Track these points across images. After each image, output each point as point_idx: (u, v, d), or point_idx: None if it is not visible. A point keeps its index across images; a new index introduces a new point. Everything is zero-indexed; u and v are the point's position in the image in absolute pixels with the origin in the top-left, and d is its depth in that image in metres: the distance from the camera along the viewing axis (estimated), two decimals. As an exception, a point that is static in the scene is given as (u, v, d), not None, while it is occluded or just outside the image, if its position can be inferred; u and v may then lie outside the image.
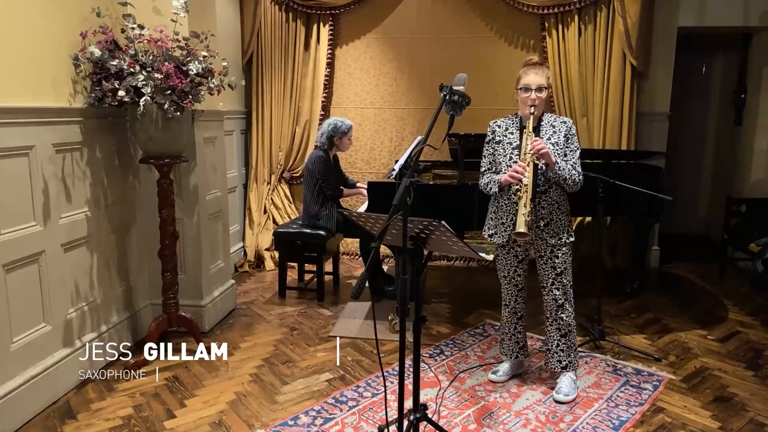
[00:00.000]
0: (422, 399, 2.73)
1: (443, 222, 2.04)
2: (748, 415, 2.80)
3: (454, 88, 2.18)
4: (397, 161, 4.14)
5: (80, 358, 3.01)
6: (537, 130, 2.79)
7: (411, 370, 2.27)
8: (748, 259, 4.79)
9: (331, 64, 5.37)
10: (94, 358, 3.11)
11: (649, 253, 5.28)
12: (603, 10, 4.88)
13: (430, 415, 2.34)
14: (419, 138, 3.72)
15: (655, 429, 2.68)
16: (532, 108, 2.72)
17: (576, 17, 4.94)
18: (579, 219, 5.20)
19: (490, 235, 2.94)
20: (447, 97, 2.18)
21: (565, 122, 2.81)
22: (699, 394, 3.00)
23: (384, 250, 5.08)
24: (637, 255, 4.77)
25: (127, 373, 3.11)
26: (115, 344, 3.30)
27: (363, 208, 4.19)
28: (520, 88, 2.78)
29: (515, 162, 2.75)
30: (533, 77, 2.74)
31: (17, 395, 2.57)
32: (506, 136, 2.85)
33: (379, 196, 3.80)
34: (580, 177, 2.77)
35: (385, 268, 5.00)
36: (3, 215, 2.52)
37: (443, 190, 3.92)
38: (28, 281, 2.68)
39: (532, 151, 2.65)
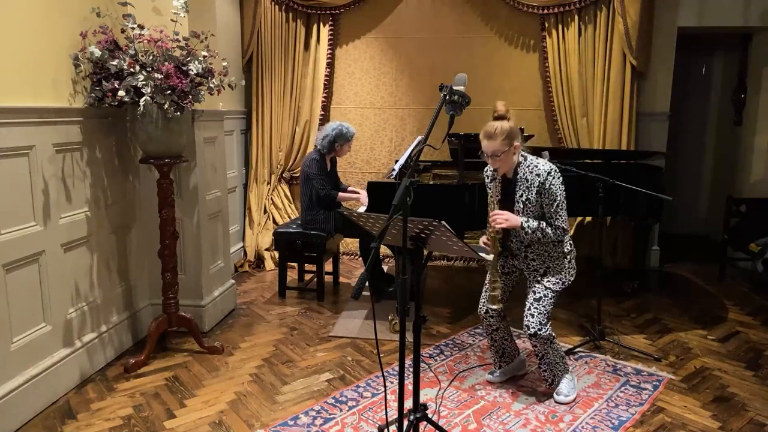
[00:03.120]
0: (422, 399, 2.73)
1: (443, 222, 2.04)
2: (748, 415, 2.80)
3: (454, 88, 2.18)
4: (397, 161, 4.14)
5: (80, 358, 3.01)
6: (514, 185, 2.74)
7: (411, 370, 2.27)
8: (748, 259, 4.79)
9: (331, 64, 5.38)
10: (94, 359, 3.12)
11: (649, 253, 5.29)
12: (603, 10, 4.89)
13: (430, 415, 2.33)
14: (419, 138, 3.72)
15: (655, 429, 2.68)
16: (495, 172, 2.71)
17: (576, 17, 4.94)
18: (579, 219, 5.21)
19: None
20: (447, 97, 2.18)
21: (539, 175, 2.65)
22: (699, 394, 3.01)
23: (384, 250, 5.09)
24: (637, 255, 4.78)
25: (126, 373, 3.12)
26: (115, 344, 3.31)
27: (363, 209, 4.19)
28: (479, 153, 2.72)
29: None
30: (486, 144, 2.65)
31: (17, 395, 2.57)
32: (490, 187, 2.81)
33: (379, 197, 3.80)
34: (558, 230, 2.67)
35: (385, 268, 5.00)
36: (3, 215, 2.52)
37: (443, 190, 3.92)
38: (28, 281, 2.68)
39: (491, 228, 2.68)
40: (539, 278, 2.79)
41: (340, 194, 4.34)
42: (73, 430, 2.61)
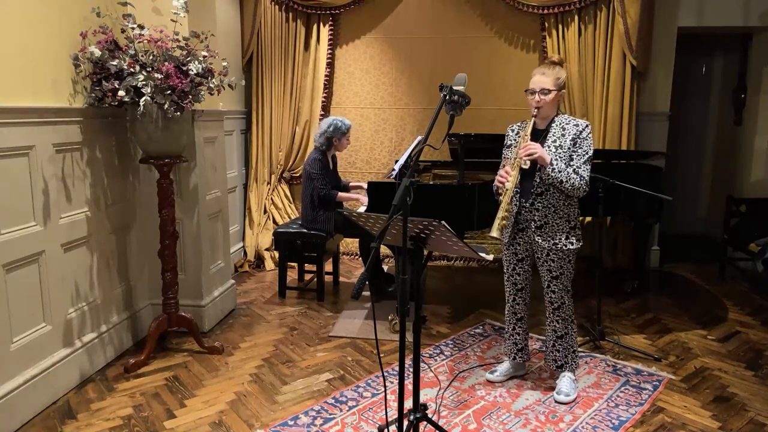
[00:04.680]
0: (422, 399, 2.74)
1: (443, 222, 2.04)
2: (748, 415, 2.80)
3: (454, 88, 2.18)
4: (397, 161, 4.14)
5: (80, 358, 3.01)
6: (546, 132, 2.77)
7: (411, 370, 2.27)
8: (748, 259, 4.79)
9: (331, 64, 5.38)
10: (94, 359, 3.12)
11: (649, 253, 5.29)
12: (603, 10, 4.88)
13: (430, 415, 2.33)
14: (419, 138, 3.72)
15: (655, 429, 2.68)
16: (535, 110, 2.72)
17: (576, 17, 4.94)
18: (579, 219, 5.21)
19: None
20: (447, 97, 2.18)
21: (577, 125, 2.72)
22: (699, 394, 3.01)
23: (384, 250, 5.09)
24: (637, 255, 4.78)
25: (126, 373, 3.12)
26: (115, 344, 3.31)
27: (363, 208, 4.19)
28: (527, 91, 2.77)
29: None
30: (537, 79, 2.72)
31: (17, 395, 2.57)
32: (516, 140, 2.83)
33: (379, 197, 3.80)
34: (583, 181, 2.68)
35: (385, 268, 5.00)
36: (3, 215, 2.52)
37: (443, 190, 3.92)
38: (28, 281, 2.68)
39: (521, 155, 2.64)
40: (546, 249, 2.77)
41: (340, 194, 4.33)
42: (73, 430, 2.61)
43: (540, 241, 2.78)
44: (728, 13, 4.95)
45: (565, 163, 2.70)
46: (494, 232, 2.64)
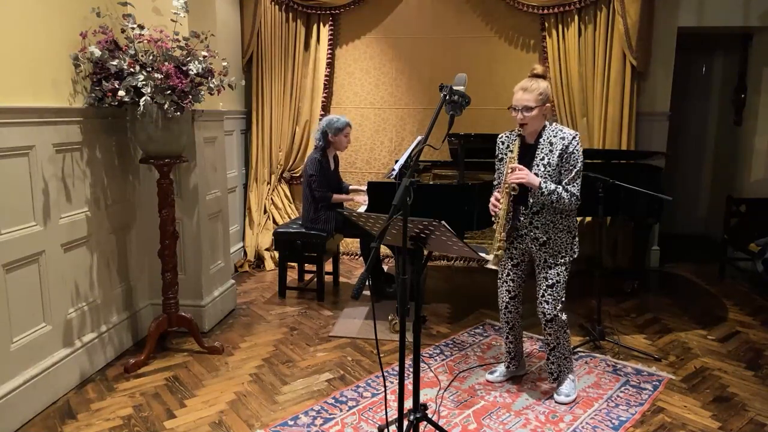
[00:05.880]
0: (422, 399, 2.74)
1: (443, 222, 2.04)
2: (748, 415, 2.80)
3: (454, 88, 2.18)
4: (397, 161, 4.13)
5: (80, 358, 3.01)
6: (534, 147, 2.72)
7: (411, 370, 2.27)
8: (748, 259, 4.80)
9: (331, 64, 5.38)
10: (94, 359, 3.12)
11: (649, 253, 5.29)
12: (603, 10, 4.88)
13: (430, 415, 2.34)
14: (419, 138, 3.72)
15: (655, 429, 2.68)
16: (520, 128, 2.69)
17: (576, 17, 4.94)
18: (579, 219, 5.21)
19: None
20: (447, 97, 2.18)
21: (564, 138, 2.65)
22: (699, 394, 3.01)
23: (384, 250, 5.09)
24: (637, 255, 4.78)
25: (126, 373, 3.12)
26: (115, 344, 3.31)
27: (363, 209, 4.19)
28: (509, 108, 2.71)
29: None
30: (520, 96, 2.65)
31: (17, 395, 2.57)
32: (506, 154, 2.79)
33: (379, 196, 3.80)
34: (573, 198, 2.64)
35: (385, 268, 5.00)
36: (3, 215, 2.51)
37: (443, 190, 3.91)
38: (28, 281, 2.68)
39: (509, 181, 2.63)
40: (545, 257, 2.75)
41: (335, 196, 4.31)
42: (73, 430, 2.61)
43: (547, 257, 2.75)
44: (728, 13, 4.95)
45: (556, 180, 2.67)
46: (491, 265, 2.64)
